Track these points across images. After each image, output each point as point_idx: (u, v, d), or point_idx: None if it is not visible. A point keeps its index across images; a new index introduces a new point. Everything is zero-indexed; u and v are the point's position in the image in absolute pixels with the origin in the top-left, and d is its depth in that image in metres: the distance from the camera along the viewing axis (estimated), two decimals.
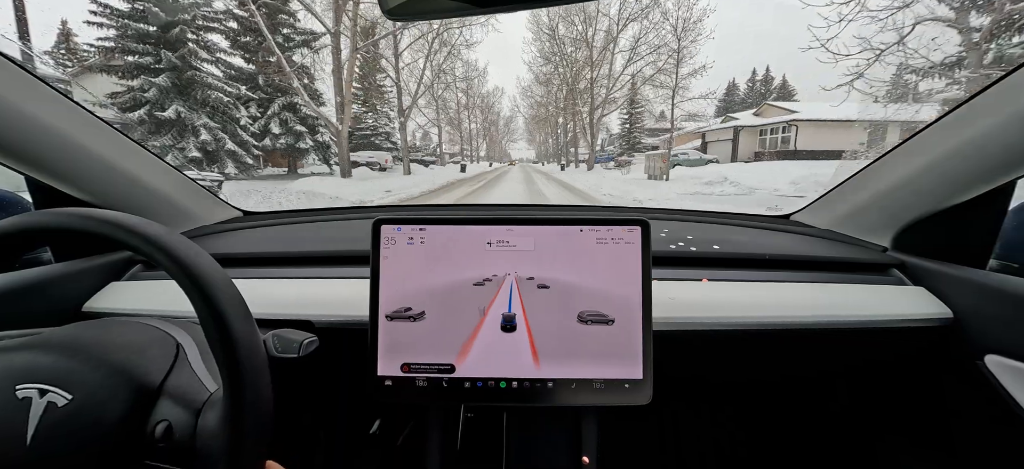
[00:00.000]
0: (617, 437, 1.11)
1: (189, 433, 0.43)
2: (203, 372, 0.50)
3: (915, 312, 0.80)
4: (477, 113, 57.61)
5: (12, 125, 0.71)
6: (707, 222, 1.19)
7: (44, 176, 0.82)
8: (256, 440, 0.41)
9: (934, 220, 0.84)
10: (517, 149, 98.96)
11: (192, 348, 0.53)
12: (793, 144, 23.50)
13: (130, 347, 0.48)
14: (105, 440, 0.41)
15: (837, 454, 1.10)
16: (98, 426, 0.41)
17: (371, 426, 1.00)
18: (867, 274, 0.90)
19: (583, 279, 0.65)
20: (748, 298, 0.82)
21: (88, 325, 0.50)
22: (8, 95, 0.69)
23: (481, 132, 63.41)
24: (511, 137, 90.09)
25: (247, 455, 0.41)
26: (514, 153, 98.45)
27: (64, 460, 0.40)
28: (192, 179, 1.12)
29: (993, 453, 0.78)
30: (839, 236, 1.05)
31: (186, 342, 0.53)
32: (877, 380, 1.01)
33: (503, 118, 76.06)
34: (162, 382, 0.46)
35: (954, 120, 0.76)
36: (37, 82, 0.74)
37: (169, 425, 0.43)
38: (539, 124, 56.00)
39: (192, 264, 0.41)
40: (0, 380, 0.41)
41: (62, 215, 0.42)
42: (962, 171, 0.76)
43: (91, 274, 0.87)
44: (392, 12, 0.53)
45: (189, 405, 0.45)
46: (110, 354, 0.45)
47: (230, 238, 1.10)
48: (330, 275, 0.89)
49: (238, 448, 0.40)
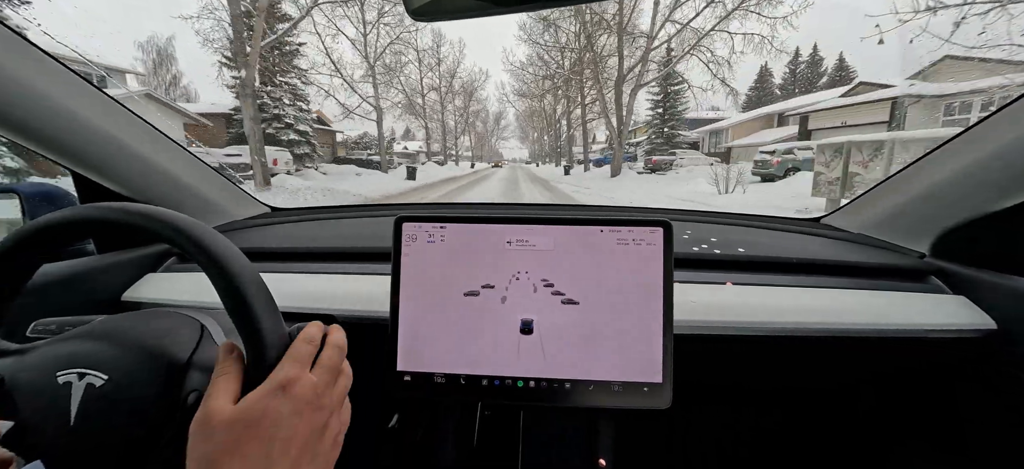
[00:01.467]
0: (634, 440, 1.10)
1: None
2: None
3: (955, 322, 0.76)
4: (453, 99, 47.10)
5: (61, 123, 0.76)
6: (732, 224, 1.16)
7: (88, 171, 0.86)
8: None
9: (977, 225, 0.80)
10: (509, 148, 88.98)
11: (216, 329, 0.56)
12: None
13: (159, 331, 0.51)
14: (143, 413, 0.44)
15: (863, 466, 1.06)
16: (134, 401, 0.44)
17: (390, 420, 1.02)
18: (903, 280, 0.86)
19: (603, 280, 0.64)
20: (774, 303, 0.79)
21: (121, 317, 0.54)
22: (57, 95, 0.74)
23: (462, 125, 54.07)
24: (501, 135, 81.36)
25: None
26: (506, 152, 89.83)
27: (106, 434, 0.43)
28: (225, 176, 1.16)
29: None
30: (873, 240, 1.00)
31: (211, 325, 0.57)
32: (906, 389, 0.97)
33: (492, 115, 67.45)
34: (190, 357, 0.50)
35: (1002, 119, 0.71)
36: (83, 83, 0.79)
37: (199, 394, 0.46)
38: (532, 119, 49.00)
39: (221, 257, 0.43)
40: (42, 370, 0.44)
41: (104, 209, 0.44)
42: (1009, 173, 0.71)
43: (130, 266, 0.92)
44: (416, 12, 0.54)
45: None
46: (141, 337, 0.49)
47: (258, 233, 1.14)
48: (353, 271, 0.91)
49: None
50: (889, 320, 0.76)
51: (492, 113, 71.77)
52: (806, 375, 0.91)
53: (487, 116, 68.54)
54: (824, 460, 1.12)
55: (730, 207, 7.75)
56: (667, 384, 0.62)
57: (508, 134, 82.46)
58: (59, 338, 0.49)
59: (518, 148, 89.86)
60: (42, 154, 0.78)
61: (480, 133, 69.14)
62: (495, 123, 75.44)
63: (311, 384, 0.42)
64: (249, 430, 0.37)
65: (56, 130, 0.76)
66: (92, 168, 0.86)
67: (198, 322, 0.56)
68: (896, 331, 0.75)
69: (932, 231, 0.88)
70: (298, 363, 0.43)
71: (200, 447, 0.36)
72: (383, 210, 1.34)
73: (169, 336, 0.51)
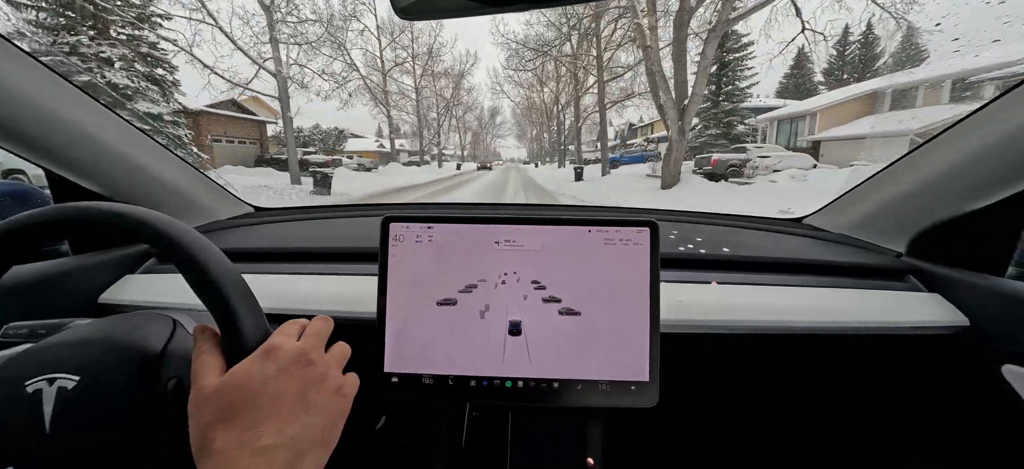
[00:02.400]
0: (622, 439, 1.11)
1: None
2: None
3: (930, 319, 0.78)
4: (434, 81, 36.43)
5: (32, 119, 0.73)
6: (717, 224, 1.18)
7: (62, 170, 0.84)
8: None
9: (950, 226, 0.83)
10: (506, 147, 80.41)
11: (189, 323, 0.56)
12: None
13: (129, 327, 0.50)
14: (120, 409, 0.43)
15: (844, 460, 1.08)
16: (110, 398, 0.43)
17: (377, 422, 1.01)
18: (881, 279, 0.89)
19: (591, 279, 0.65)
20: (757, 302, 0.81)
21: (89, 322, 0.53)
22: (28, 90, 0.71)
23: (445, 115, 43.54)
24: (498, 132, 72.13)
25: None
26: (504, 152, 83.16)
27: (87, 436, 0.41)
28: (207, 175, 1.14)
29: (1005, 463, 0.76)
30: (853, 240, 1.03)
31: (183, 319, 0.56)
32: (885, 385, 0.99)
33: (487, 109, 57.57)
34: (164, 347, 0.49)
35: (972, 124, 0.74)
36: (56, 77, 0.76)
37: (178, 380, 0.46)
38: (530, 113, 41.34)
39: (200, 257, 0.42)
40: (10, 382, 0.42)
41: (79, 208, 0.43)
42: (980, 176, 0.74)
43: (107, 267, 0.89)
44: (404, 11, 0.54)
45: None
46: (111, 335, 0.48)
47: (241, 233, 1.12)
48: (339, 271, 0.89)
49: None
50: (868, 318, 0.78)
51: (487, 108, 63.01)
52: (789, 372, 0.93)
53: (482, 112, 59.05)
54: (809, 454, 1.14)
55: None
56: (654, 383, 0.62)
57: (505, 130, 73.37)
58: (25, 347, 0.47)
59: (516, 147, 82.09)
60: (14, 152, 0.75)
61: (475, 131, 61.99)
62: (490, 118, 65.53)
63: (296, 347, 0.43)
64: (236, 393, 0.38)
65: (28, 126, 0.73)
66: (67, 166, 0.83)
67: (169, 317, 0.55)
68: (874, 328, 0.77)
69: (908, 231, 0.91)
70: (282, 334, 0.44)
71: (196, 423, 0.37)
72: (370, 210, 1.32)
73: (140, 330, 0.50)
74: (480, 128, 64.44)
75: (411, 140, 45.01)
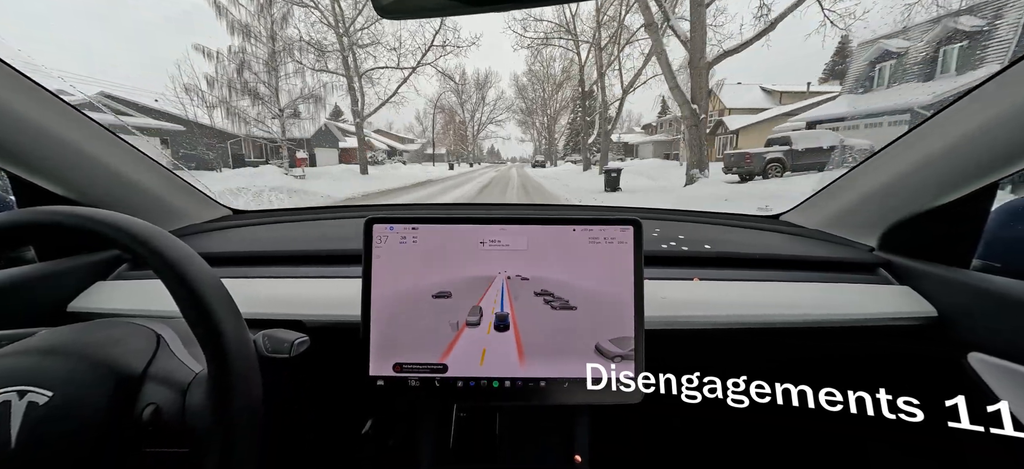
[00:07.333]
0: (609, 436, 1.12)
1: (177, 412, 0.43)
2: (186, 356, 0.51)
3: (900, 311, 0.81)
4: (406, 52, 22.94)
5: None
6: (699, 222, 1.20)
7: (27, 173, 0.80)
8: (248, 419, 0.41)
9: (919, 221, 0.86)
10: (504, 138, 60.44)
11: (174, 339, 0.53)
12: None
13: (108, 341, 0.48)
14: (92, 431, 0.41)
15: (827, 453, 1.11)
16: (83, 418, 0.41)
17: (363, 426, 1.00)
18: (855, 273, 0.92)
19: (575, 278, 0.65)
20: (738, 297, 0.83)
21: (66, 328, 0.50)
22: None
23: (439, 107, 37.02)
24: (493, 115, 49.09)
25: (240, 430, 0.41)
26: (504, 150, 74.40)
27: (54, 457, 0.39)
28: (182, 177, 1.10)
29: (976, 451, 0.80)
30: (827, 236, 1.06)
31: (168, 334, 0.53)
32: (858, 375, 1.03)
33: (472, 79, 41.93)
34: (145, 369, 0.46)
35: (939, 123, 0.77)
36: (18, 76, 0.73)
37: (157, 407, 0.43)
38: (543, 84, 33.40)
39: (177, 261, 0.41)
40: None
41: (45, 213, 0.41)
42: (946, 172, 0.77)
43: (76, 273, 0.86)
44: (384, 9, 0.53)
45: (175, 386, 0.45)
46: (88, 349, 0.45)
47: (220, 237, 1.09)
48: (322, 274, 0.88)
49: (228, 419, 0.40)
50: (843, 310, 0.81)
51: (475, 75, 44.34)
52: (770, 365, 0.96)
53: (465, 79, 41.58)
54: (791, 446, 1.17)
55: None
56: (639, 379, 0.63)
57: (501, 111, 49.16)
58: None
59: (519, 141, 63.18)
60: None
61: (453, 114, 44.57)
62: (479, 95, 44.93)
63: None
64: None
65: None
66: (33, 169, 0.80)
67: (153, 332, 0.52)
68: (849, 320, 0.80)
69: (880, 226, 0.94)
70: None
71: None
72: (352, 211, 1.30)
73: (121, 345, 0.47)
74: (475, 125, 46.07)
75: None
